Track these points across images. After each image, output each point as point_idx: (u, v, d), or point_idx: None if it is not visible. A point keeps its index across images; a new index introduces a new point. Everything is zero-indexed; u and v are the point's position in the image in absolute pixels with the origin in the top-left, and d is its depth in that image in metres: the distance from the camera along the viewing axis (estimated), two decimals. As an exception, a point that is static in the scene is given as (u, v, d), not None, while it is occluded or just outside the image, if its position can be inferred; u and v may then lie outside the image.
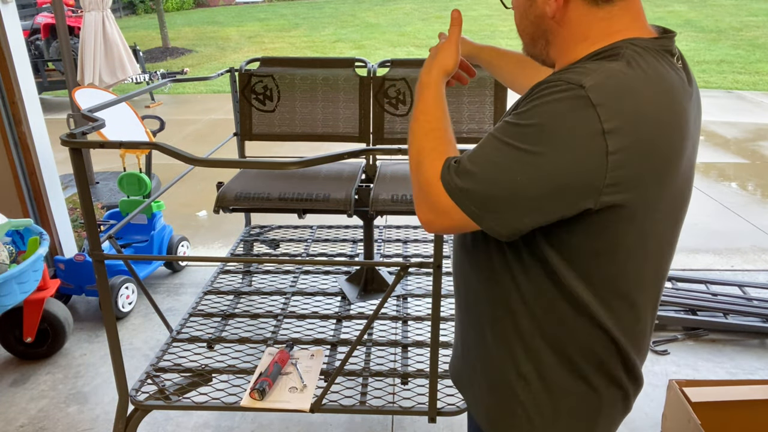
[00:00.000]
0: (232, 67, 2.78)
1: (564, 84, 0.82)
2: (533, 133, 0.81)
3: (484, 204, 0.85)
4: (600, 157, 0.79)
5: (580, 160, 0.79)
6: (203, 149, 5.88)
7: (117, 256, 1.72)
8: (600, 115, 0.78)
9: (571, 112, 0.80)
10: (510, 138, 0.84)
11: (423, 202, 0.92)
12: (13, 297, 2.37)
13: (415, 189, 0.95)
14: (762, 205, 4.45)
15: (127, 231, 3.36)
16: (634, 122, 0.80)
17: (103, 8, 4.66)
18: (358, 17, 16.33)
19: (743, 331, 2.79)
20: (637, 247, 0.89)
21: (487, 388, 1.06)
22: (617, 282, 0.91)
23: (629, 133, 0.79)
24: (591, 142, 0.79)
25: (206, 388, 1.92)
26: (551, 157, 0.80)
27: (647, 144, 0.81)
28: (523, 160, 0.82)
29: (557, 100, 0.81)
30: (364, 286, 2.47)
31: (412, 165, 0.96)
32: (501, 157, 0.84)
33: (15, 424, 2.32)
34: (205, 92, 9.19)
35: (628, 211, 0.84)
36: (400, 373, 1.95)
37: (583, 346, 0.95)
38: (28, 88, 2.95)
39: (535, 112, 0.82)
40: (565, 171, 0.80)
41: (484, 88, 2.59)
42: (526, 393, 1.00)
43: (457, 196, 0.87)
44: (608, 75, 0.81)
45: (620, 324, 0.94)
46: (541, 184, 0.81)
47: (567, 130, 0.80)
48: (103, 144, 1.56)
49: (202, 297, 2.41)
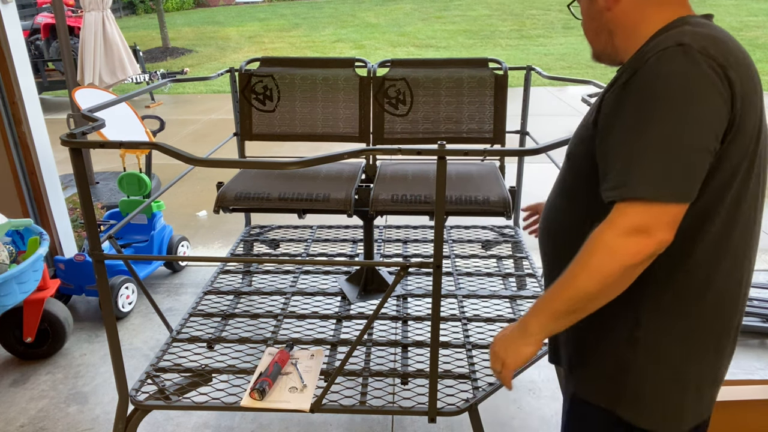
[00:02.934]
0: (232, 67, 2.78)
1: (660, 51, 0.91)
2: (669, 100, 0.89)
3: (666, 179, 0.90)
4: (727, 95, 0.90)
5: (714, 103, 0.89)
6: (203, 149, 5.88)
7: (117, 256, 1.72)
8: (712, 58, 0.89)
9: (690, 65, 0.89)
10: (640, 120, 0.91)
11: (632, 240, 0.92)
12: (13, 297, 2.38)
13: (624, 256, 0.93)
14: (762, 205, 4.45)
15: (127, 231, 3.36)
16: (735, 63, 0.92)
17: (103, 8, 4.66)
18: (358, 17, 16.33)
19: (743, 331, 2.79)
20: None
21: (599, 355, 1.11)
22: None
23: (736, 69, 0.91)
24: (716, 79, 0.89)
25: (206, 388, 1.92)
26: (692, 110, 0.89)
27: (746, 80, 0.93)
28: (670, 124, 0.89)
29: (668, 62, 0.90)
30: (364, 286, 2.47)
31: (606, 274, 0.96)
32: (646, 138, 0.90)
33: (15, 424, 2.32)
34: (205, 92, 9.20)
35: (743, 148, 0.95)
36: (400, 373, 1.95)
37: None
38: (28, 88, 2.96)
39: (648, 84, 0.91)
40: (708, 116, 0.89)
41: (484, 88, 2.59)
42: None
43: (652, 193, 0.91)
44: (692, 33, 0.93)
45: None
46: (694, 134, 0.89)
47: (693, 82, 0.89)
48: (103, 144, 1.55)
49: (202, 297, 2.41)
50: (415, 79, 2.61)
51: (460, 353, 2.07)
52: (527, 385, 2.47)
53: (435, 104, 2.62)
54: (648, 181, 0.89)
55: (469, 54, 11.43)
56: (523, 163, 2.92)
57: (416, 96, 2.62)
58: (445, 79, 2.60)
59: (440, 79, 2.61)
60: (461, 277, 2.58)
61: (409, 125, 2.64)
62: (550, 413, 2.32)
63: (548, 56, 10.95)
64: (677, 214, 0.92)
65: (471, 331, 2.16)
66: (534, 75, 2.76)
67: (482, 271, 2.64)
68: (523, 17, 15.18)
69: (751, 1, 15.75)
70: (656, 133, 0.89)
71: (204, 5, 20.84)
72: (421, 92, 2.62)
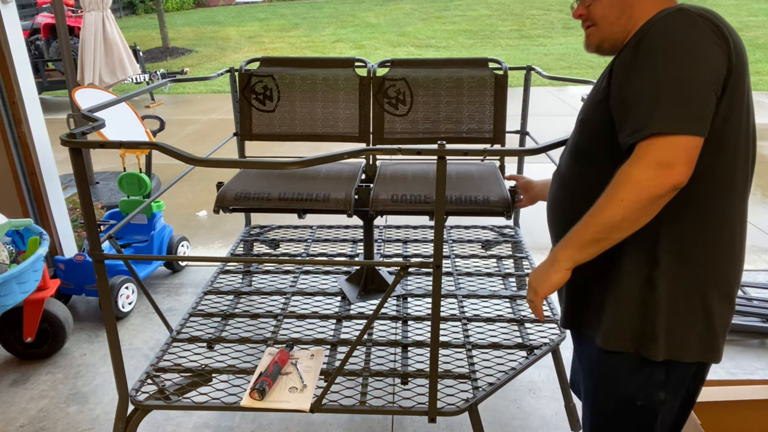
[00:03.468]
0: (232, 67, 2.78)
1: (663, 16, 1.06)
2: (676, 49, 1.03)
3: (684, 114, 1.01)
4: (724, 47, 1.04)
5: (714, 52, 1.03)
6: (203, 149, 5.88)
7: (117, 256, 1.72)
8: (707, 20, 1.04)
9: (690, 22, 1.04)
10: (654, 68, 1.03)
11: (654, 174, 1.03)
12: (13, 297, 2.38)
13: (649, 187, 1.04)
14: (762, 205, 4.45)
15: (127, 231, 3.37)
16: (729, 30, 1.07)
17: (103, 8, 4.66)
18: (358, 17, 16.33)
19: (743, 331, 2.79)
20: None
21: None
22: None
23: (731, 34, 1.06)
24: (713, 36, 1.04)
25: (206, 388, 1.92)
26: (697, 54, 1.02)
27: (739, 50, 1.08)
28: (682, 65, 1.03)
29: (672, 22, 1.05)
30: (364, 286, 2.47)
31: (631, 205, 1.07)
32: (661, 81, 1.02)
33: (15, 424, 2.32)
34: (205, 92, 9.20)
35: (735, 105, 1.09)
36: (400, 373, 1.95)
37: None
38: (28, 88, 2.95)
39: (656, 39, 1.05)
40: (710, 60, 1.03)
41: (484, 88, 2.59)
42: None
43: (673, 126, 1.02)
44: (689, 5, 1.07)
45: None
46: (701, 74, 1.02)
47: (695, 33, 1.03)
48: (103, 144, 1.55)
49: (202, 297, 2.41)
50: (415, 79, 2.61)
51: (460, 353, 2.07)
52: (527, 385, 2.47)
53: (435, 104, 2.62)
54: (668, 117, 1.01)
55: (469, 54, 11.43)
56: (523, 163, 2.92)
57: (416, 96, 2.62)
58: (445, 79, 2.60)
59: (440, 79, 2.60)
60: (461, 277, 2.58)
61: (409, 125, 2.64)
62: (550, 413, 2.32)
63: (548, 56, 10.95)
64: (695, 147, 1.02)
65: (471, 331, 2.16)
66: (534, 75, 2.76)
67: (482, 271, 2.64)
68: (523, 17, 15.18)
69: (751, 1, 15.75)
70: (669, 76, 1.02)
71: (204, 5, 20.84)
72: (421, 92, 2.62)
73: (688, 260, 1.14)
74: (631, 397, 1.23)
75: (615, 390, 1.26)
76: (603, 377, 1.28)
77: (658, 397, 1.21)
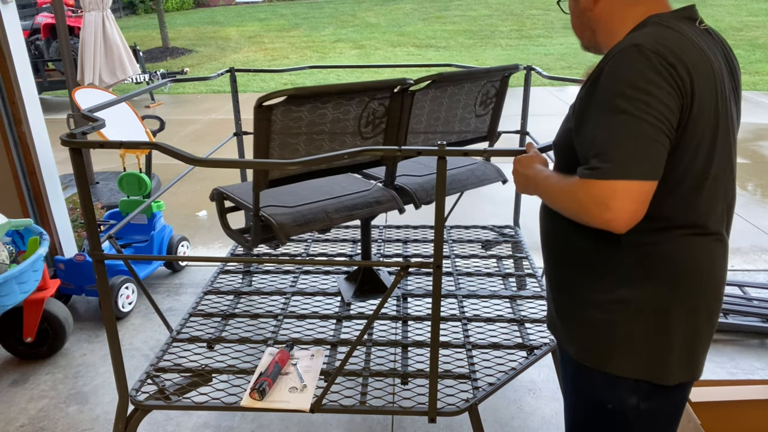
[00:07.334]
0: (232, 67, 2.78)
1: (618, 51, 1.05)
2: (626, 93, 1.02)
3: (630, 160, 1.01)
4: (677, 88, 1.03)
5: (665, 96, 1.02)
6: (203, 149, 5.88)
7: (117, 256, 1.72)
8: (661, 56, 1.02)
9: (643, 63, 1.02)
10: (611, 110, 1.04)
11: (595, 212, 1.05)
12: (13, 297, 2.38)
13: (585, 214, 1.08)
14: (762, 205, 4.45)
15: (127, 231, 3.37)
16: (688, 60, 1.05)
17: (103, 8, 4.67)
18: (358, 17, 16.33)
19: (743, 331, 2.79)
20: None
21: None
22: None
23: (689, 65, 1.04)
24: (666, 74, 1.02)
25: (206, 388, 1.92)
26: (647, 100, 1.01)
27: (702, 75, 1.06)
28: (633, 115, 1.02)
29: (625, 61, 1.04)
30: (360, 285, 2.47)
31: (571, 213, 1.13)
32: (607, 128, 1.03)
33: (15, 424, 2.32)
34: (205, 92, 9.20)
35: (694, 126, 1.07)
36: (400, 373, 1.95)
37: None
38: (28, 88, 2.95)
39: (608, 82, 1.05)
40: (661, 105, 1.02)
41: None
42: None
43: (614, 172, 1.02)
44: (648, 34, 1.06)
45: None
46: (651, 121, 1.02)
47: (650, 76, 1.02)
48: (103, 144, 1.55)
49: (202, 297, 2.41)
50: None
51: (460, 353, 2.07)
52: (527, 385, 2.47)
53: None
54: (615, 162, 1.02)
55: (469, 54, 11.41)
56: (523, 163, 2.92)
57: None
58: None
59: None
60: (461, 277, 2.58)
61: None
62: (550, 413, 2.32)
63: (548, 56, 10.95)
64: (642, 191, 1.02)
65: (471, 331, 2.16)
66: (534, 75, 2.76)
67: (482, 271, 2.64)
68: (523, 17, 15.18)
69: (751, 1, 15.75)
70: (617, 122, 1.02)
71: (204, 5, 20.84)
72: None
73: (651, 279, 1.15)
74: (601, 400, 1.24)
75: (589, 392, 1.28)
76: (576, 381, 1.31)
77: (630, 401, 1.21)
